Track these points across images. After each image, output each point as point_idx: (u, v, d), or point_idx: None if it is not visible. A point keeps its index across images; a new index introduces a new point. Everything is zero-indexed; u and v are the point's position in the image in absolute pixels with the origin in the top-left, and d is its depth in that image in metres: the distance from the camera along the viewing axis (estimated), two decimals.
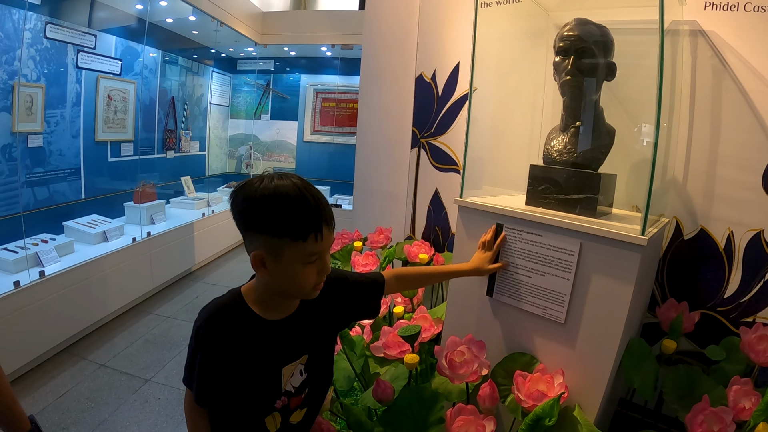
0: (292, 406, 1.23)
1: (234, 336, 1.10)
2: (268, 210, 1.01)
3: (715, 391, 1.58)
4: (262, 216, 1.02)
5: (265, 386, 1.16)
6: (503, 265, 1.70)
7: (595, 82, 1.71)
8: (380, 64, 3.22)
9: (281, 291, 1.14)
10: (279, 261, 1.04)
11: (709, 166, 1.89)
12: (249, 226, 1.04)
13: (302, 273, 1.07)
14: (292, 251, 1.03)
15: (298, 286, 1.10)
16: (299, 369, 1.22)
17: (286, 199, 1.01)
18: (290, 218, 1.01)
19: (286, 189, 1.02)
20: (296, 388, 1.22)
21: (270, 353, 1.15)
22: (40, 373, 3.02)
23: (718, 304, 1.91)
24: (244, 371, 1.12)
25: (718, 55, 1.85)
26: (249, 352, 1.12)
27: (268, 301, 1.16)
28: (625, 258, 1.42)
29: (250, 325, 1.13)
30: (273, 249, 1.03)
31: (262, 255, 1.04)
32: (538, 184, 1.74)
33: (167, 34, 5.38)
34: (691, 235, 1.95)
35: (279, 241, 1.02)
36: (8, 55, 3.34)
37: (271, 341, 1.15)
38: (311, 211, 1.03)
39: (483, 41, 1.87)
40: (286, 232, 1.01)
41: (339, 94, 6.92)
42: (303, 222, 1.02)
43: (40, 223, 3.74)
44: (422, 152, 2.89)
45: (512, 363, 1.66)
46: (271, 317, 1.15)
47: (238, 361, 1.11)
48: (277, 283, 1.10)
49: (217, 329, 1.10)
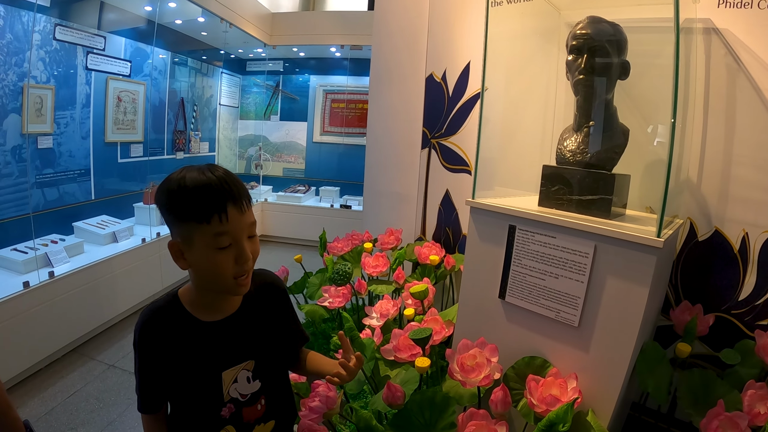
0: (247, 418, 1.18)
1: (169, 339, 1.08)
2: (174, 197, 1.00)
3: (729, 395, 1.55)
4: (170, 204, 1.01)
5: (205, 392, 1.12)
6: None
7: (608, 81, 1.68)
8: (390, 64, 3.21)
9: (207, 285, 1.10)
10: (192, 248, 1.02)
11: (723, 166, 1.86)
12: (165, 218, 1.05)
13: (216, 260, 1.02)
14: (200, 236, 1.00)
15: (217, 276, 1.05)
16: (246, 375, 1.17)
17: (188, 183, 1.00)
18: (192, 200, 0.99)
19: (190, 174, 1.01)
20: (245, 396, 1.17)
21: (207, 356, 1.11)
22: (50, 374, 3.02)
23: (733, 307, 1.88)
24: (182, 376, 1.10)
25: (732, 53, 1.82)
26: (185, 355, 1.09)
27: (203, 300, 1.12)
28: (641, 260, 1.40)
29: (185, 326, 1.10)
30: (184, 236, 1.02)
31: (178, 244, 1.03)
32: (551, 185, 1.72)
33: (176, 35, 5.39)
34: (706, 236, 1.92)
35: (186, 227, 1.01)
36: (18, 57, 3.34)
37: (208, 343, 1.11)
38: (212, 190, 1.00)
39: (494, 40, 1.85)
40: (190, 216, 0.99)
41: (348, 95, 6.91)
42: (204, 203, 0.99)
43: (50, 223, 3.75)
44: (433, 153, 2.88)
45: (525, 367, 1.64)
46: (207, 318, 1.12)
47: (175, 364, 1.09)
48: (197, 274, 1.08)
49: (152, 332, 1.09)
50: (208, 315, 1.12)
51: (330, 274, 2.69)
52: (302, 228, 6.34)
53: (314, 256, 3.10)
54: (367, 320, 2.27)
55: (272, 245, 6.51)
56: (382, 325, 2.20)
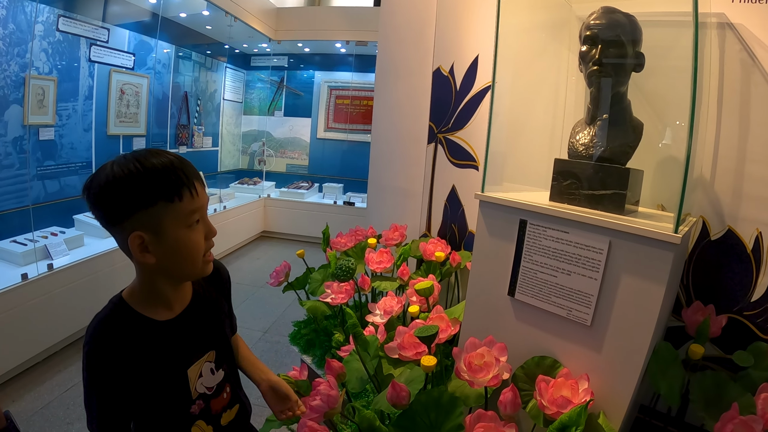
0: (215, 409, 1.14)
1: (125, 347, 1.00)
2: (133, 183, 0.93)
3: (742, 398, 1.51)
4: (127, 193, 0.93)
5: (172, 394, 1.07)
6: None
7: (622, 72, 1.64)
8: (396, 58, 3.17)
9: (173, 274, 1.05)
10: (160, 234, 0.97)
11: (737, 164, 1.82)
12: (116, 213, 0.95)
13: (189, 238, 0.99)
14: (170, 216, 0.96)
15: (190, 256, 1.01)
16: (209, 368, 1.13)
17: (149, 166, 0.94)
18: (159, 181, 0.94)
19: (144, 157, 0.96)
20: (211, 388, 1.14)
21: (169, 357, 1.06)
22: (47, 367, 2.99)
23: (745, 308, 1.83)
24: (145, 383, 1.02)
25: (746, 48, 1.78)
26: (145, 361, 1.02)
27: (155, 298, 1.07)
28: (657, 257, 1.35)
29: (140, 330, 1.03)
30: (150, 223, 0.95)
31: (141, 235, 0.95)
32: (563, 179, 1.67)
33: (181, 29, 5.37)
34: (718, 235, 1.88)
35: (154, 211, 0.94)
36: (20, 48, 3.32)
37: (168, 343, 1.06)
38: (176, 167, 0.96)
39: (504, 33, 1.82)
40: (160, 196, 0.94)
41: (353, 91, 6.90)
42: (173, 180, 0.95)
43: (50, 216, 3.73)
44: (439, 148, 2.83)
45: (534, 367, 1.59)
46: (163, 317, 1.07)
47: (136, 373, 1.01)
48: (166, 264, 1.01)
49: (107, 346, 0.99)
50: (163, 314, 1.07)
51: (333, 269, 2.65)
52: (305, 224, 6.32)
53: (316, 252, 3.06)
54: (370, 317, 2.23)
55: (274, 241, 6.49)
56: (386, 322, 2.15)
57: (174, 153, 1.00)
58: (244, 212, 6.04)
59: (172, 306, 1.09)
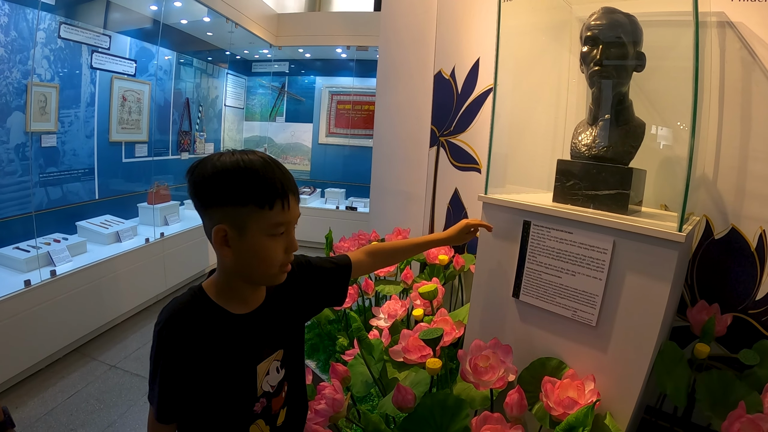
0: (274, 408, 1.14)
1: (199, 335, 1.01)
2: (232, 178, 0.95)
3: (749, 397, 1.50)
4: (224, 185, 0.95)
5: (240, 389, 1.07)
6: (482, 227, 1.65)
7: (624, 72, 1.64)
8: (397, 62, 3.17)
9: (246, 274, 1.05)
10: (243, 235, 0.98)
11: (740, 162, 1.82)
12: (209, 200, 0.98)
13: (269, 247, 1.00)
14: (257, 221, 0.97)
15: (265, 263, 1.02)
16: (276, 366, 1.14)
17: (251, 167, 0.96)
18: (255, 185, 0.96)
19: (250, 159, 0.97)
20: (274, 387, 1.14)
21: (241, 351, 1.06)
22: (50, 373, 2.98)
23: (750, 307, 1.83)
24: (214, 375, 1.03)
25: (746, 46, 1.78)
26: (217, 351, 1.03)
27: (233, 292, 1.07)
28: (662, 256, 1.35)
29: (216, 321, 1.04)
30: (237, 221, 0.97)
31: (225, 229, 0.97)
32: (566, 180, 1.67)
33: (182, 35, 5.38)
34: (722, 234, 1.87)
35: (243, 211, 0.96)
36: (22, 55, 3.33)
37: (241, 337, 1.06)
38: (277, 178, 0.98)
39: (506, 36, 1.83)
40: (252, 199, 0.95)
41: (354, 96, 6.89)
42: (269, 188, 0.96)
43: (53, 222, 3.73)
44: (441, 151, 2.83)
45: (540, 368, 1.59)
46: (238, 310, 1.07)
47: (206, 363, 1.02)
48: (242, 263, 1.01)
49: (180, 329, 1.00)
50: (239, 307, 1.08)
51: None
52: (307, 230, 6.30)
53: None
54: (374, 321, 2.23)
55: None
56: (390, 326, 2.15)
57: (281, 164, 1.02)
58: None
59: (247, 302, 1.10)
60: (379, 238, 2.93)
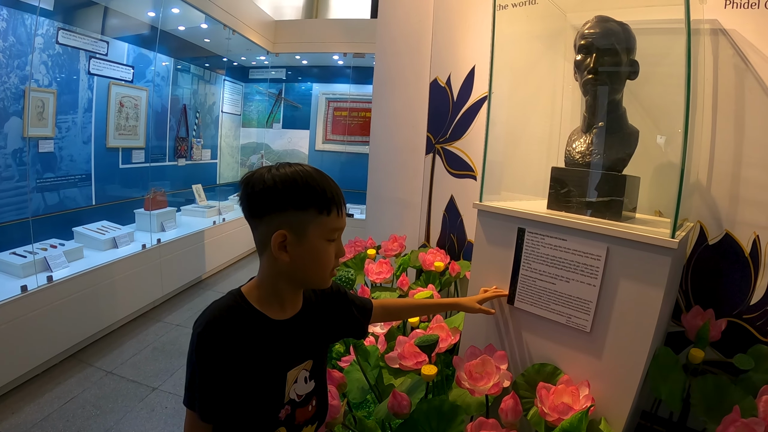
0: (298, 419, 1.16)
1: (239, 338, 1.04)
2: (293, 185, 1.01)
3: (744, 401, 1.51)
4: (286, 192, 1.00)
5: (269, 392, 1.10)
6: (490, 311, 1.67)
7: (618, 80, 1.66)
8: (393, 69, 3.19)
9: (298, 278, 1.10)
10: (303, 238, 1.03)
11: (733, 168, 1.84)
12: (270, 207, 1.02)
13: (326, 251, 1.07)
14: (316, 225, 1.03)
15: (320, 266, 1.08)
16: (304, 375, 1.16)
17: (310, 176, 1.03)
18: (316, 191, 1.02)
19: (306, 169, 1.04)
20: (301, 396, 1.16)
21: (276, 355, 1.09)
22: (46, 379, 2.98)
23: (744, 312, 1.85)
24: (249, 376, 1.05)
25: (740, 53, 1.80)
26: (255, 354, 1.05)
27: (274, 298, 1.11)
28: (655, 262, 1.36)
29: (256, 325, 1.07)
30: (297, 225, 1.02)
31: (285, 234, 1.01)
32: (561, 187, 1.69)
33: (179, 41, 5.39)
34: (716, 240, 1.89)
35: (304, 215, 1.02)
36: (20, 60, 3.33)
37: (278, 342, 1.09)
38: (333, 186, 1.06)
39: (500, 44, 1.84)
40: (313, 204, 1.02)
41: (351, 103, 6.90)
42: (327, 195, 1.04)
43: (49, 228, 3.73)
44: (437, 158, 2.85)
45: (535, 374, 1.60)
46: (277, 316, 1.10)
47: (244, 365, 1.04)
48: (298, 266, 1.06)
49: (221, 333, 1.03)
50: (278, 313, 1.11)
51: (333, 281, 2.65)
52: None
53: None
54: (370, 328, 2.23)
55: None
56: (386, 332, 2.15)
57: (332, 178, 1.10)
58: (244, 224, 5.92)
59: (285, 308, 1.14)
60: (375, 245, 2.93)
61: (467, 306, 1.64)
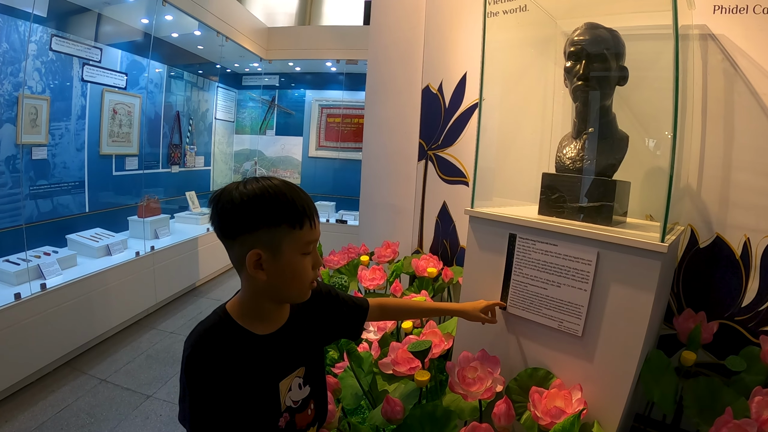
0: (299, 424, 1.17)
1: (226, 357, 1.04)
2: (263, 203, 0.99)
3: (737, 402, 1.53)
4: (256, 210, 0.99)
5: (264, 405, 1.10)
6: (493, 320, 1.67)
7: (607, 86, 1.68)
8: (386, 76, 3.20)
9: (277, 294, 1.10)
10: (278, 255, 1.02)
11: (723, 172, 1.86)
12: (241, 227, 1.01)
13: (302, 264, 1.05)
14: (290, 241, 1.02)
15: (298, 281, 1.07)
16: (297, 382, 1.17)
17: (278, 191, 1.01)
18: (286, 206, 1.00)
19: (275, 183, 1.02)
20: (297, 402, 1.16)
21: (265, 369, 1.10)
22: (40, 387, 2.96)
23: (736, 314, 1.86)
24: (241, 392, 1.06)
25: (728, 58, 1.83)
26: (244, 370, 1.06)
27: (258, 313, 1.11)
28: (645, 266, 1.38)
29: (242, 342, 1.07)
30: (270, 243, 1.01)
31: (259, 253, 1.00)
32: (551, 193, 1.70)
33: (173, 48, 5.39)
34: (707, 243, 1.91)
35: (277, 231, 1.00)
36: (14, 67, 3.33)
37: (265, 356, 1.10)
38: (303, 199, 1.04)
39: (491, 50, 1.85)
40: (284, 220, 1.00)
41: (344, 110, 6.91)
42: (298, 209, 1.02)
43: (43, 235, 3.71)
44: (429, 164, 2.86)
45: (527, 378, 1.60)
46: (262, 331, 1.10)
47: (233, 383, 1.04)
48: (275, 283, 1.05)
49: (208, 354, 1.03)
50: (263, 328, 1.11)
51: None
52: None
53: None
54: (364, 334, 2.22)
55: None
56: (380, 338, 2.15)
57: (301, 188, 1.07)
58: None
59: (271, 322, 1.14)
60: (368, 252, 2.94)
61: (470, 313, 1.63)
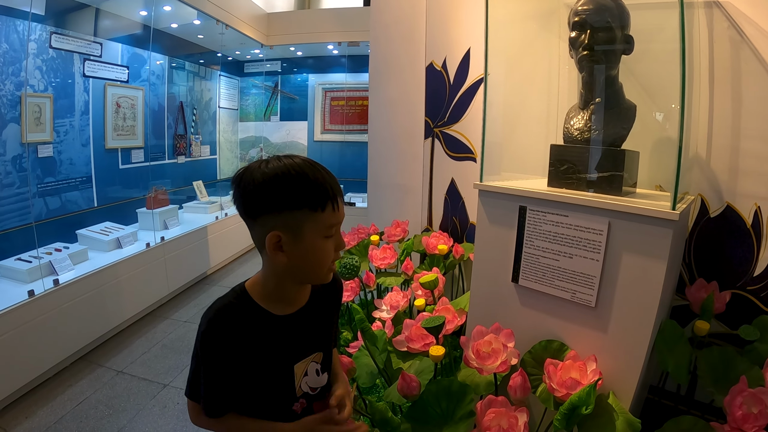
0: (317, 411, 1.15)
1: (242, 336, 1.03)
2: (284, 184, 0.96)
3: (751, 372, 1.53)
4: (277, 192, 0.97)
5: (277, 386, 1.10)
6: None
7: (613, 55, 1.66)
8: (388, 56, 3.18)
9: (298, 276, 1.08)
10: (298, 238, 0.99)
11: (732, 141, 1.84)
12: (262, 208, 0.99)
13: (323, 248, 1.03)
14: (311, 223, 0.99)
15: (319, 264, 1.05)
16: (315, 368, 1.16)
17: (301, 172, 0.98)
18: (308, 188, 0.98)
19: (297, 163, 0.99)
20: (315, 390, 1.16)
21: (280, 350, 1.09)
22: (58, 382, 3.00)
23: (748, 283, 1.85)
24: (255, 372, 1.06)
25: (734, 25, 1.80)
26: (258, 350, 1.05)
27: (278, 293, 1.09)
28: (657, 234, 1.37)
29: (258, 321, 1.06)
30: (291, 225, 0.98)
31: (279, 235, 0.98)
32: (560, 165, 1.69)
33: (173, 39, 5.36)
34: (717, 212, 1.89)
35: (298, 214, 0.97)
36: (15, 66, 3.33)
37: (281, 337, 1.08)
38: (326, 180, 1.00)
39: (494, 25, 1.83)
40: (306, 203, 0.97)
41: (348, 92, 6.88)
42: (321, 191, 0.99)
43: (53, 232, 3.73)
44: (436, 142, 2.85)
45: (542, 351, 1.61)
46: (280, 311, 1.09)
47: (248, 362, 1.04)
48: (296, 264, 1.03)
49: (224, 331, 1.02)
50: (281, 308, 1.10)
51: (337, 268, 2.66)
52: None
53: None
54: (377, 313, 2.24)
55: None
56: (393, 317, 2.17)
57: (324, 167, 1.04)
58: None
59: (291, 303, 1.12)
60: (378, 232, 2.94)
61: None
